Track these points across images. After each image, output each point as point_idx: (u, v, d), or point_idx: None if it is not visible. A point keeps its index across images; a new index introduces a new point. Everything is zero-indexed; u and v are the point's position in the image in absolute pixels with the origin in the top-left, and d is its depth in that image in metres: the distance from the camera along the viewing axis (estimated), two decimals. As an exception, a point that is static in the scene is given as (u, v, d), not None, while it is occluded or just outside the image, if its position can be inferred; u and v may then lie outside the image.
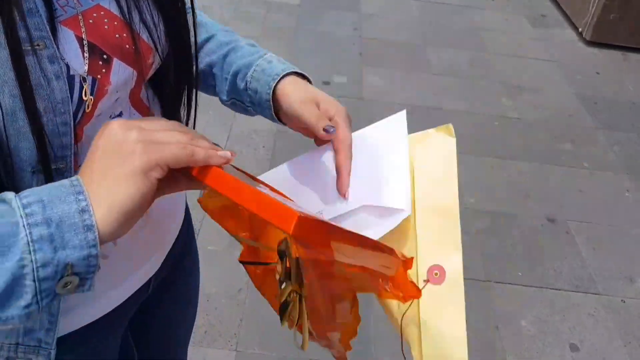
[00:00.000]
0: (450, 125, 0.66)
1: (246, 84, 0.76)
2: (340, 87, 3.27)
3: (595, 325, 2.09)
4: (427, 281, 0.60)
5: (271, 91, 0.72)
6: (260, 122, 1.83)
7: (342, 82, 3.31)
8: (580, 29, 4.19)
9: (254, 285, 0.75)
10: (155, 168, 0.48)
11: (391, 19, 4.19)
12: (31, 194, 0.46)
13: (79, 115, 0.55)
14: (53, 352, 0.66)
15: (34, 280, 0.45)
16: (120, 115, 0.63)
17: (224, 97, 0.82)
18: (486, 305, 2.11)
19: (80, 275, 0.47)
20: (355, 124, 0.71)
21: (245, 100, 0.78)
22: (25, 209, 0.45)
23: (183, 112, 0.73)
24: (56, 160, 0.54)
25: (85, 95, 0.54)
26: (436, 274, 0.60)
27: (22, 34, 0.49)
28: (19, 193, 0.47)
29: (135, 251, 0.72)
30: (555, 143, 3.06)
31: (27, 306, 0.46)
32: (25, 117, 0.50)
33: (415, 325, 0.60)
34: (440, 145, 0.64)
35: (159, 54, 0.64)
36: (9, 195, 0.47)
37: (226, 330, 1.91)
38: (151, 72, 0.65)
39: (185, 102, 0.70)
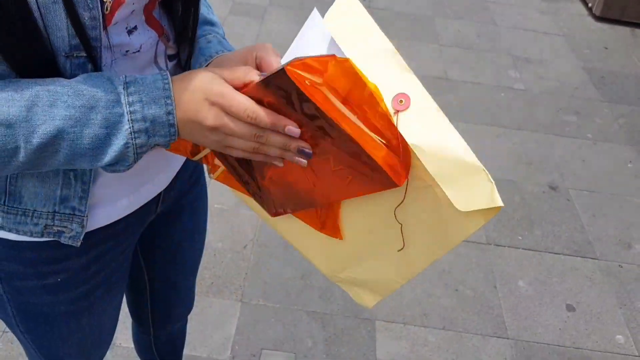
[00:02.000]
0: None
1: None
2: (347, 55, 3.28)
3: (592, 287, 2.13)
4: (397, 111, 0.62)
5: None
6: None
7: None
8: (589, 4, 4.17)
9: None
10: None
11: (400, -10, 4.19)
12: (135, 92, 0.60)
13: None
14: (86, 220, 0.72)
15: (134, 154, 0.63)
16: (135, 28, 0.68)
17: None
18: (485, 266, 2.16)
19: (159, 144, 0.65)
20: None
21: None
22: (130, 106, 0.60)
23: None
24: (90, 49, 0.61)
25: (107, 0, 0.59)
26: (401, 101, 0.62)
27: None
28: (126, 86, 0.60)
29: (148, 165, 0.78)
30: (560, 114, 3.09)
31: (129, 165, 0.64)
32: (62, 8, 0.55)
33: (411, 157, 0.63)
34: (344, 7, 0.68)
35: None
36: (119, 86, 0.60)
37: (232, 282, 1.97)
38: None
39: (192, 23, 0.75)
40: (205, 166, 0.83)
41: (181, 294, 1.16)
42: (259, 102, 0.62)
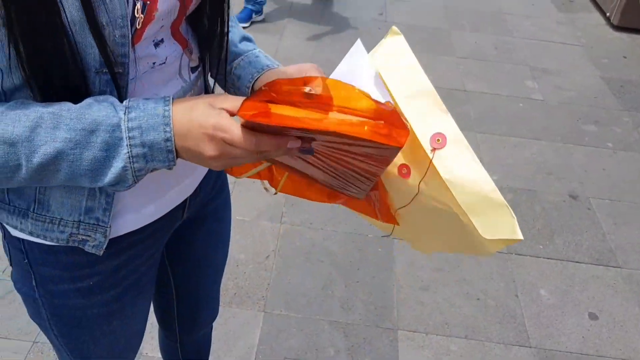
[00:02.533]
0: (394, 27, 0.75)
1: (232, 68, 0.89)
2: (365, 69, 3.33)
3: (615, 295, 2.12)
4: (434, 149, 0.68)
5: (253, 81, 0.84)
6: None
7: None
8: (607, 14, 4.17)
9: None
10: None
11: (416, 4, 4.23)
12: (135, 118, 0.62)
13: (131, 32, 0.64)
14: (109, 230, 0.76)
15: (133, 176, 0.65)
16: (161, 41, 0.72)
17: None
18: (507, 275, 2.16)
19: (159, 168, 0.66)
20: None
21: (228, 80, 0.90)
22: (129, 132, 0.62)
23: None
24: (116, 66, 0.64)
25: (137, 13, 0.63)
26: (438, 140, 0.68)
27: None
28: (127, 111, 0.63)
29: (173, 171, 0.81)
30: (579, 124, 3.08)
31: (129, 186, 0.66)
32: (89, 28, 0.59)
33: (443, 188, 0.69)
34: (393, 47, 0.74)
35: None
36: (120, 112, 0.62)
37: (254, 292, 2.00)
38: (192, 8, 0.74)
39: (218, 39, 0.79)
40: (262, 182, 0.87)
41: (206, 300, 1.19)
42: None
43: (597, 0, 4.37)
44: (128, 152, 0.62)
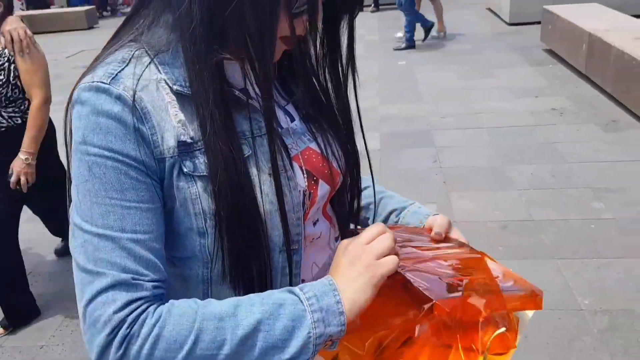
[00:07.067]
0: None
1: (399, 219, 1.05)
2: (431, 214, 3.44)
3: None
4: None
5: (424, 224, 1.00)
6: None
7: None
8: (654, 127, 4.27)
9: None
10: (381, 281, 0.76)
11: (466, 147, 4.45)
12: (309, 290, 0.74)
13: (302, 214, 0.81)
14: None
15: (314, 345, 0.72)
16: (317, 220, 0.88)
17: None
18: (628, 403, 2.04)
19: (333, 339, 0.74)
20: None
21: None
22: (309, 300, 0.73)
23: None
24: (293, 243, 0.80)
25: (307, 202, 0.81)
26: None
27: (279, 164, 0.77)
28: (300, 288, 0.75)
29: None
30: (659, 236, 3.05)
31: (308, 358, 0.72)
32: (278, 215, 0.76)
33: None
34: None
35: (342, 177, 0.91)
36: (297, 290, 0.75)
37: None
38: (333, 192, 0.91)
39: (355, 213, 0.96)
40: None
41: None
42: None
43: (641, 117, 4.50)
44: (311, 318, 0.72)
